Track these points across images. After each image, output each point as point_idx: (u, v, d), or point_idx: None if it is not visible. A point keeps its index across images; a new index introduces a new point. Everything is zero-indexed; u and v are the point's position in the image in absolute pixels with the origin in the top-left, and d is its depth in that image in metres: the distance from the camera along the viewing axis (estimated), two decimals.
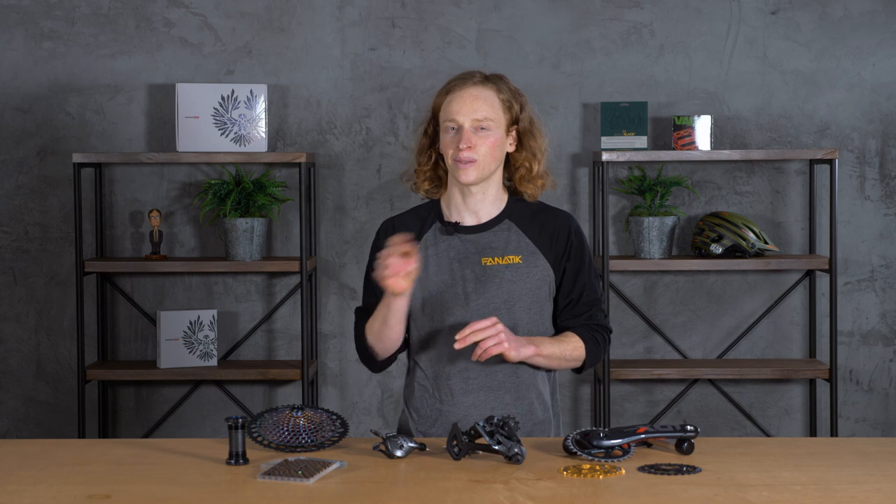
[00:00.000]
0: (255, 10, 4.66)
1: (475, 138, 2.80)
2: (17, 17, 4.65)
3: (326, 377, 4.75)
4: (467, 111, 2.81)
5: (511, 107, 2.86)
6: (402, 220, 2.93)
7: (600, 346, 2.88)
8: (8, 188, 4.69)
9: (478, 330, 2.67)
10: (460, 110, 2.81)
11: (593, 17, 4.67)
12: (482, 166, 2.82)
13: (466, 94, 2.83)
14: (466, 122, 2.81)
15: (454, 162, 2.81)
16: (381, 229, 2.93)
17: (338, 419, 2.71)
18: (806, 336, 4.75)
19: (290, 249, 4.71)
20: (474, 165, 2.81)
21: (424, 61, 4.66)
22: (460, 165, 2.81)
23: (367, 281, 2.92)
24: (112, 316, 4.73)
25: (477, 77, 2.86)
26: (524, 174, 2.90)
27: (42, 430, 4.72)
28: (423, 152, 2.92)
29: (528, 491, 2.31)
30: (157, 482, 2.41)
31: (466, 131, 2.80)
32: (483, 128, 2.81)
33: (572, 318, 2.87)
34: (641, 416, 4.74)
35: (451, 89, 2.85)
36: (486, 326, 2.68)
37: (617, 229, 4.71)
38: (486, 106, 2.82)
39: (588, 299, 2.88)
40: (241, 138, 4.50)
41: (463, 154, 2.80)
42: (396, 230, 2.89)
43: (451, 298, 2.82)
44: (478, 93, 2.83)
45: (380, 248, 2.87)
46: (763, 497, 2.28)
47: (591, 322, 2.87)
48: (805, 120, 4.67)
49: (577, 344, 2.84)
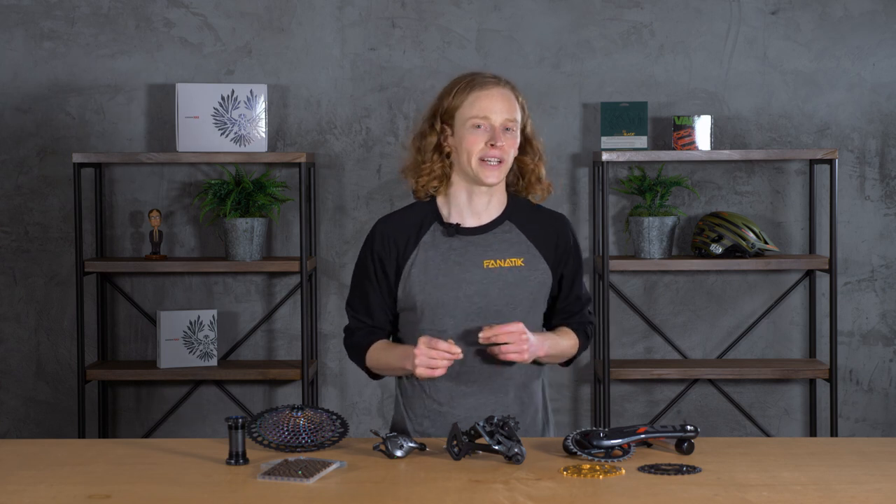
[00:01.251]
0: (255, 10, 4.66)
1: (504, 138, 2.80)
2: (17, 17, 4.65)
3: (326, 377, 4.75)
4: (499, 109, 2.80)
5: (524, 110, 2.87)
6: (397, 220, 2.90)
7: (588, 340, 2.98)
8: (8, 188, 4.69)
9: (504, 333, 2.71)
10: (493, 108, 2.79)
11: (593, 17, 4.67)
12: (506, 168, 2.83)
13: (496, 93, 2.81)
14: (499, 120, 2.79)
15: (480, 161, 2.79)
16: (374, 228, 2.91)
17: (338, 419, 2.71)
18: (806, 336, 4.75)
19: (290, 249, 4.71)
20: (501, 167, 2.81)
21: (424, 61, 4.66)
22: (487, 165, 2.80)
23: (357, 278, 2.92)
24: (112, 316, 4.73)
25: (494, 77, 2.85)
26: (534, 179, 2.91)
27: (42, 430, 4.72)
28: (431, 150, 2.87)
29: (528, 491, 2.32)
30: (157, 482, 2.41)
31: (498, 130, 2.79)
32: (508, 129, 2.81)
33: (568, 317, 2.94)
34: (641, 416, 4.74)
35: (474, 87, 2.82)
36: (513, 332, 2.71)
37: (617, 229, 4.71)
38: (512, 107, 2.82)
39: (583, 299, 2.95)
40: (241, 138, 4.50)
41: (493, 153, 2.79)
42: (391, 230, 2.87)
43: (452, 301, 2.81)
44: (505, 93, 2.82)
45: (373, 248, 2.87)
46: (763, 497, 2.28)
47: (583, 319, 2.95)
48: (805, 120, 4.67)
49: (575, 341, 2.93)
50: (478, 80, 2.84)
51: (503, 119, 2.80)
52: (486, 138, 2.79)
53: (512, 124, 2.81)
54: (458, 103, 2.83)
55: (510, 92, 2.84)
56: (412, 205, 2.93)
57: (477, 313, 2.81)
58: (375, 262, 2.87)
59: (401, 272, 2.85)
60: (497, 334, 2.71)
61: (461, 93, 2.83)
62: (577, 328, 2.94)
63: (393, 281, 2.87)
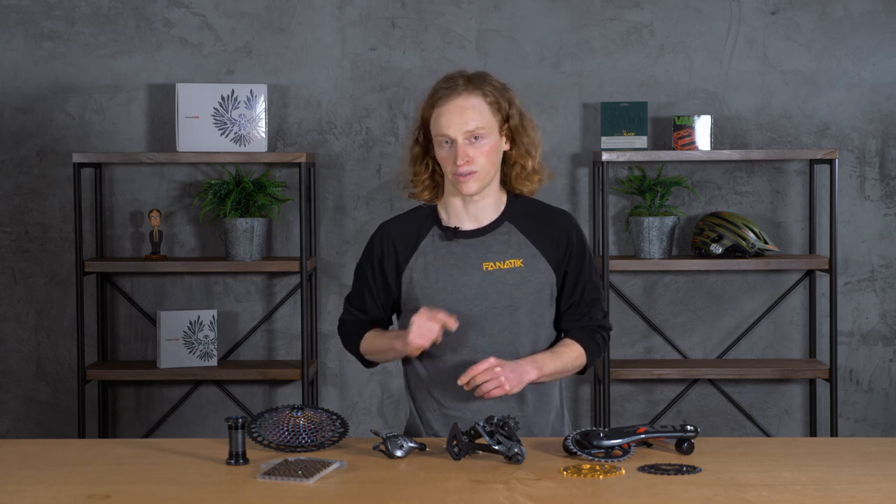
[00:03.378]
0: (255, 10, 4.66)
1: (471, 150, 2.75)
2: (17, 17, 4.65)
3: (326, 377, 4.75)
4: (458, 124, 2.75)
5: (500, 107, 2.80)
6: (397, 225, 2.90)
7: (600, 347, 2.87)
8: (8, 188, 4.69)
9: (478, 374, 2.67)
10: (450, 124, 2.75)
11: (593, 17, 4.66)
12: (482, 176, 2.79)
13: (453, 107, 2.76)
14: (459, 136, 2.75)
15: (454, 176, 2.77)
16: (376, 233, 2.91)
17: (338, 419, 2.71)
18: (806, 336, 4.75)
19: (290, 249, 4.71)
20: (474, 177, 2.77)
21: (424, 61, 4.66)
22: (461, 179, 2.77)
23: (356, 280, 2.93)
24: (112, 316, 4.73)
25: (460, 84, 2.78)
26: (519, 172, 2.86)
27: (42, 430, 4.72)
28: (418, 162, 2.87)
29: (528, 491, 2.31)
30: (157, 482, 2.41)
31: (461, 146, 2.75)
32: (476, 136, 2.76)
33: (575, 320, 2.86)
34: (641, 416, 4.74)
35: (436, 101, 2.78)
36: (485, 369, 2.67)
37: (617, 229, 4.71)
38: (475, 115, 2.76)
39: (589, 300, 2.87)
40: (241, 138, 4.50)
41: (462, 168, 2.76)
42: (391, 235, 2.88)
43: (453, 305, 2.79)
44: (464, 103, 2.76)
45: (373, 253, 2.88)
46: (763, 497, 2.28)
47: (592, 323, 2.87)
48: (805, 120, 4.67)
49: (578, 352, 2.84)
50: (440, 93, 2.79)
51: (464, 133, 2.75)
52: (452, 155, 2.77)
53: (479, 131, 2.76)
54: (428, 118, 2.82)
55: (475, 97, 2.77)
56: (414, 209, 2.93)
57: (478, 316, 2.80)
58: (374, 266, 2.88)
59: (401, 276, 2.85)
60: (473, 376, 2.67)
61: (429, 107, 2.81)
62: (584, 336, 2.85)
63: (393, 285, 2.87)
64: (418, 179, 2.88)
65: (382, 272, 2.87)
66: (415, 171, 2.88)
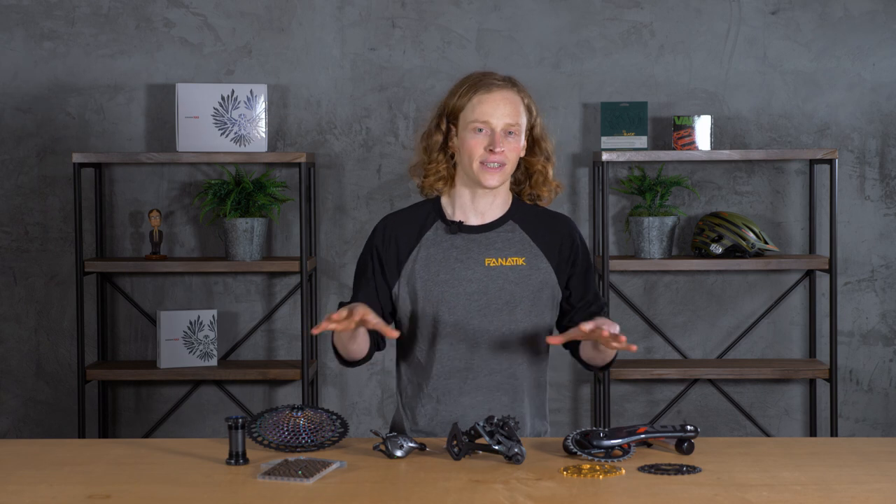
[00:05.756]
0: (255, 10, 4.66)
1: (505, 142, 2.80)
2: (17, 17, 4.65)
3: (326, 377, 4.75)
4: (501, 114, 2.80)
5: (531, 113, 2.87)
6: (400, 218, 2.92)
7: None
8: (8, 188, 4.69)
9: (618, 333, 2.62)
10: (494, 112, 2.79)
11: (593, 17, 4.67)
12: (507, 171, 2.83)
13: (499, 97, 2.81)
14: (500, 125, 2.79)
15: (481, 164, 2.80)
16: (378, 226, 2.92)
17: (338, 419, 2.72)
18: (806, 336, 4.75)
19: (290, 249, 4.71)
20: (501, 170, 2.81)
21: (424, 61, 4.66)
22: (488, 168, 2.80)
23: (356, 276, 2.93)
24: (112, 316, 4.73)
25: (500, 79, 2.84)
26: (541, 179, 2.90)
27: (42, 430, 4.72)
28: (437, 150, 2.88)
29: (528, 491, 2.32)
30: (157, 482, 2.41)
31: (499, 134, 2.79)
32: (511, 132, 2.81)
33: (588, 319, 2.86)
34: (641, 416, 4.74)
35: (478, 89, 2.82)
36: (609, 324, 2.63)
37: (617, 229, 4.71)
38: (515, 111, 2.82)
39: (598, 300, 2.91)
40: (241, 138, 4.50)
41: (494, 157, 2.78)
42: (393, 227, 2.89)
43: (453, 298, 2.81)
44: (508, 96, 2.82)
45: (374, 244, 2.88)
46: (763, 497, 2.28)
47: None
48: (805, 120, 4.67)
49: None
50: (483, 83, 2.83)
51: (504, 123, 2.80)
52: (486, 143, 2.79)
53: (514, 128, 2.81)
54: (462, 105, 2.84)
55: (515, 95, 2.83)
56: (417, 203, 2.95)
57: (477, 310, 2.81)
58: (374, 258, 2.88)
59: (402, 268, 2.86)
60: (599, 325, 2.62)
61: (465, 95, 2.83)
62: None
63: (391, 278, 2.87)
64: (434, 168, 2.88)
65: (381, 263, 2.87)
66: (433, 158, 2.88)
